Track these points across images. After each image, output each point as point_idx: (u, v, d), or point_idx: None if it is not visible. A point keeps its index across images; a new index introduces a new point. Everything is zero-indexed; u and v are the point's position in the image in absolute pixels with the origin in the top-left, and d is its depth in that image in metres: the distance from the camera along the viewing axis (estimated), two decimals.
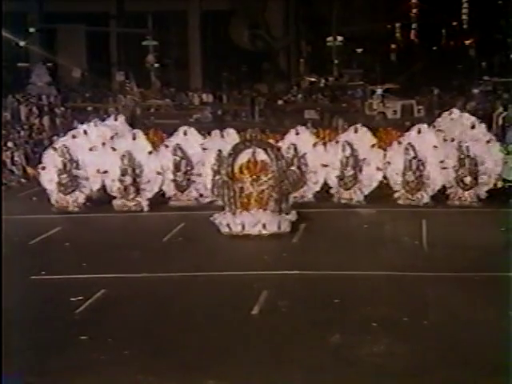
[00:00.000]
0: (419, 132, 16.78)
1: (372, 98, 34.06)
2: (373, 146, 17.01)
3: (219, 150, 16.66)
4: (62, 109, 30.87)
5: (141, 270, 11.76)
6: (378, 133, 18.39)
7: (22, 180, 20.87)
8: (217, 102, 37.16)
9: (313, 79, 42.82)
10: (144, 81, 41.43)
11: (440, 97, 35.06)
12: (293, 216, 14.23)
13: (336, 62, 47.32)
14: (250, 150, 14.29)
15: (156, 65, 45.55)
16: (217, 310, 10.04)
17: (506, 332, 8.72)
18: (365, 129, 17.46)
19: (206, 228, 14.28)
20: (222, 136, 17.24)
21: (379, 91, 34.17)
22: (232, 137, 17.08)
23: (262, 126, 21.73)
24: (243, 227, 13.83)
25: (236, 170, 14.20)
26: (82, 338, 9.11)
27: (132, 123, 27.39)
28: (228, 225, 13.89)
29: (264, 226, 13.81)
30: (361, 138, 17.14)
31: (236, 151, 14.37)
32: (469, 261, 11.95)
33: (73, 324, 9.65)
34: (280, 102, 36.90)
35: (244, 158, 14.28)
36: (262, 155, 14.27)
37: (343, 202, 16.74)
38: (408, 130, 17.49)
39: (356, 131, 17.27)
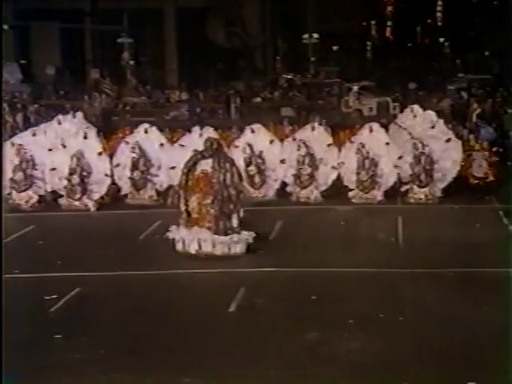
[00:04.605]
0: (371, 131, 16.86)
1: (348, 96, 34.08)
2: (329, 145, 16.97)
3: (195, 150, 16.63)
4: (36, 106, 30.54)
5: (112, 268, 11.71)
6: (355, 129, 18.42)
7: None
8: (193, 99, 36.98)
9: (289, 76, 42.78)
10: (119, 78, 41.14)
11: (416, 94, 35.17)
12: (234, 237, 12.53)
13: (312, 59, 47.34)
14: (208, 161, 12.86)
15: (131, 62, 45.27)
16: (193, 307, 10.01)
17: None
18: (322, 127, 17.49)
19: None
20: (201, 135, 17.12)
21: (355, 88, 34.14)
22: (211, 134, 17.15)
23: (238, 124, 21.61)
24: (183, 244, 12.72)
25: (189, 181, 12.91)
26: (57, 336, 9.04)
27: (106, 121, 27.24)
28: (173, 239, 12.81)
29: (199, 245, 12.62)
30: (317, 137, 17.08)
31: (193, 160, 13.09)
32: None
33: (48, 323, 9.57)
34: (256, 100, 36.80)
35: (199, 168, 12.95)
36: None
37: (302, 200, 16.66)
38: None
39: (313, 129, 17.21)
